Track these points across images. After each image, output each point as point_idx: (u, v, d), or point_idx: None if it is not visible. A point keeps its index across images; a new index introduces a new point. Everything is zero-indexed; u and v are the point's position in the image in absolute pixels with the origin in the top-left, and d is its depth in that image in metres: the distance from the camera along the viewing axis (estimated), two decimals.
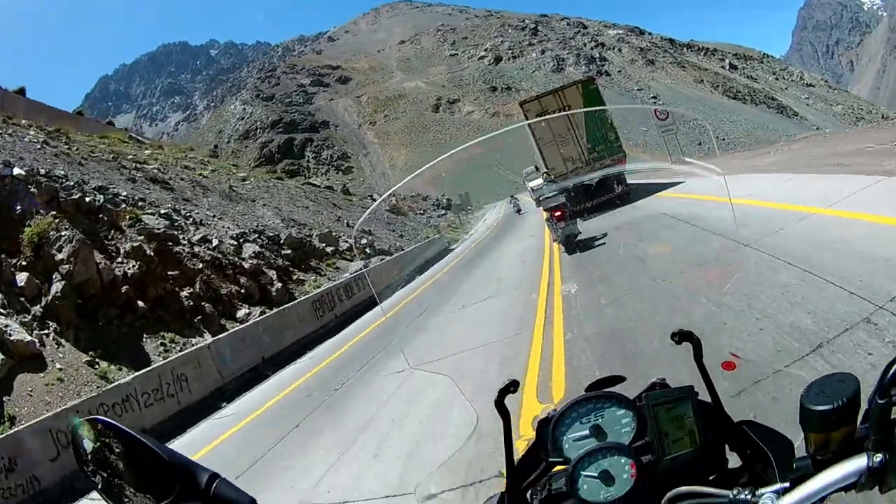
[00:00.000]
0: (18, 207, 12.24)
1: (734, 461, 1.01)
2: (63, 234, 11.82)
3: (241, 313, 14.72)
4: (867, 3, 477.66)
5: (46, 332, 10.78)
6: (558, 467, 1.02)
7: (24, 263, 11.57)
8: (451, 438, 4.56)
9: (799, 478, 0.77)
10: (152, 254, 13.95)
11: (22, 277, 11.15)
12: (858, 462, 0.70)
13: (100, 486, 0.79)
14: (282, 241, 20.65)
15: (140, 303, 12.53)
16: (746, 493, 0.82)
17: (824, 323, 3.98)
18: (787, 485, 0.79)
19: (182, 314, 13.61)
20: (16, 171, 12.87)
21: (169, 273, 14.19)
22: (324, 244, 23.18)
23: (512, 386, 1.01)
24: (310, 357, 12.32)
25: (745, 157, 21.59)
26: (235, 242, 18.20)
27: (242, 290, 15.84)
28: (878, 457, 0.69)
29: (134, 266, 13.11)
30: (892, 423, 0.69)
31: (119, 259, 13.44)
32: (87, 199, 14.38)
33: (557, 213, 11.50)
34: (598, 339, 5.59)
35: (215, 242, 17.06)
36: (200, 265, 15.46)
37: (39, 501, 7.01)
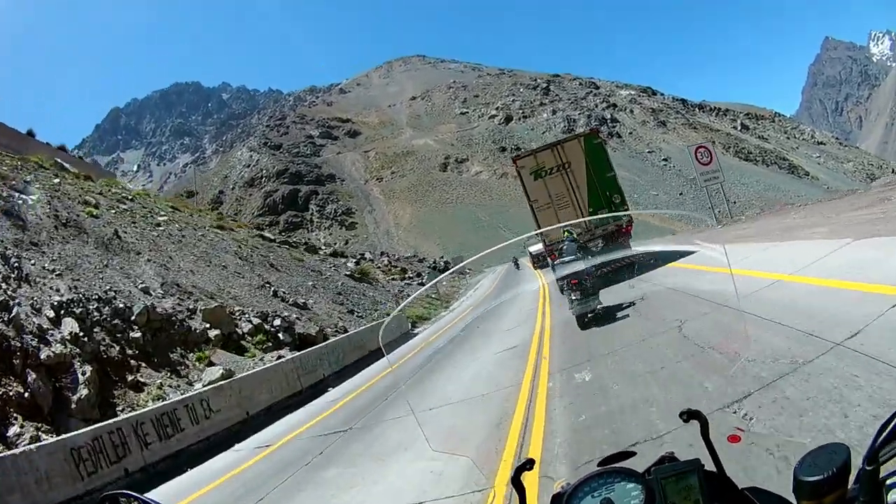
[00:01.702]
0: None
1: None
2: None
3: (12, 431, 9.82)
4: (876, 54, 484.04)
5: None
6: None
7: None
8: None
9: None
10: None
11: None
12: None
13: None
14: (132, 318, 14.90)
15: None
16: None
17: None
18: None
19: None
20: None
21: None
22: (207, 325, 17.06)
23: (528, 464, 1.09)
24: None
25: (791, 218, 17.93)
26: (53, 314, 12.92)
27: (26, 394, 10.49)
28: None
29: None
30: (879, 485, 0.74)
31: None
32: None
33: (574, 282, 10.22)
34: None
35: (14, 312, 11.96)
36: None
37: None
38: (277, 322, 19.80)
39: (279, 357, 16.74)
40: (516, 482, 1.07)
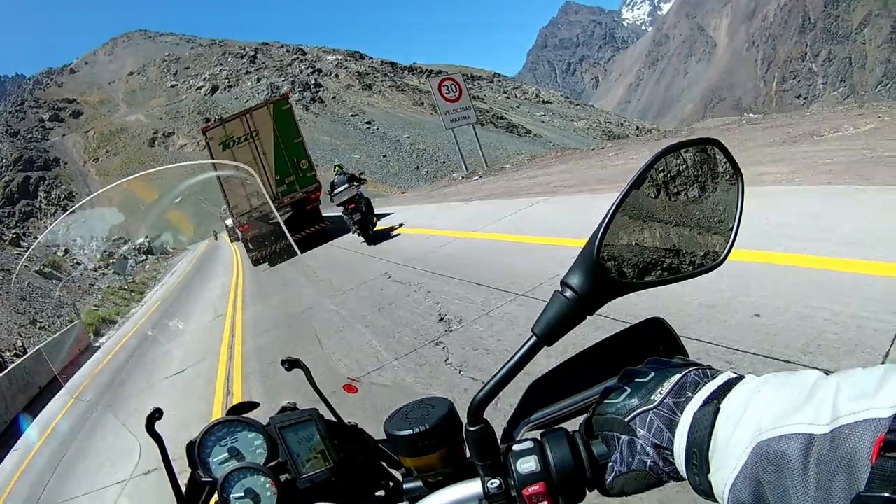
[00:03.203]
0: None
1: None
2: None
3: None
4: (629, 18, 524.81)
5: None
6: None
7: None
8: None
9: (415, 498, 0.84)
10: None
11: None
12: (474, 487, 0.76)
13: None
14: None
15: None
16: None
17: None
18: None
19: None
20: None
21: None
22: None
23: (157, 413, 1.08)
24: None
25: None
26: None
27: None
28: (495, 482, 0.72)
29: None
30: (493, 446, 0.73)
31: None
32: None
33: (351, 206, 12.81)
34: None
35: None
36: None
37: None
38: None
39: None
40: (151, 431, 1.06)
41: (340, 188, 13.29)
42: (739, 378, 0.58)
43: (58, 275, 32.62)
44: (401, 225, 13.89)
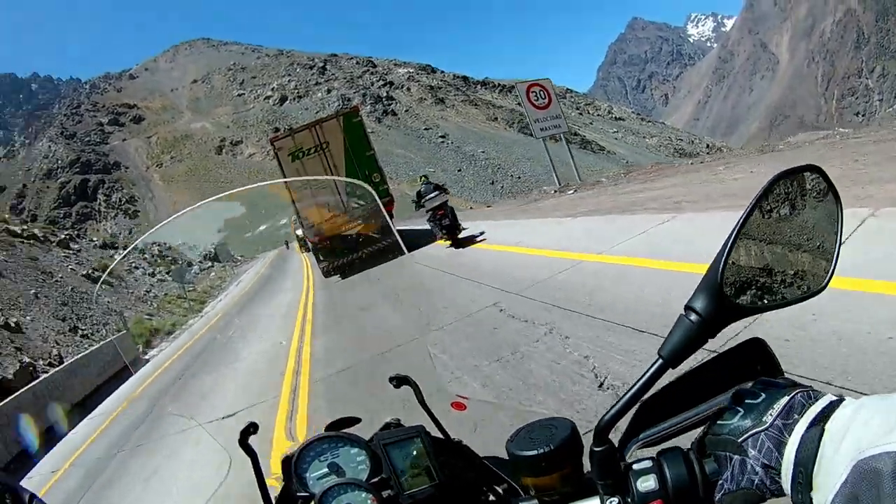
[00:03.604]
0: None
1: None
2: None
3: None
4: (694, 35, 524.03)
5: None
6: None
7: None
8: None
9: None
10: None
11: None
12: None
13: None
14: None
15: None
16: None
17: None
18: None
19: None
20: None
21: None
22: None
23: (252, 427, 1.10)
24: None
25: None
26: None
27: None
28: (614, 500, 0.75)
29: None
30: (619, 467, 0.75)
31: None
32: None
33: (440, 212, 13.53)
34: None
35: None
36: None
37: None
38: None
39: None
40: (244, 445, 1.08)
41: (430, 195, 13.84)
42: (840, 400, 0.62)
43: (108, 279, 29.97)
44: (500, 242, 12.50)
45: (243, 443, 1.08)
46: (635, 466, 0.74)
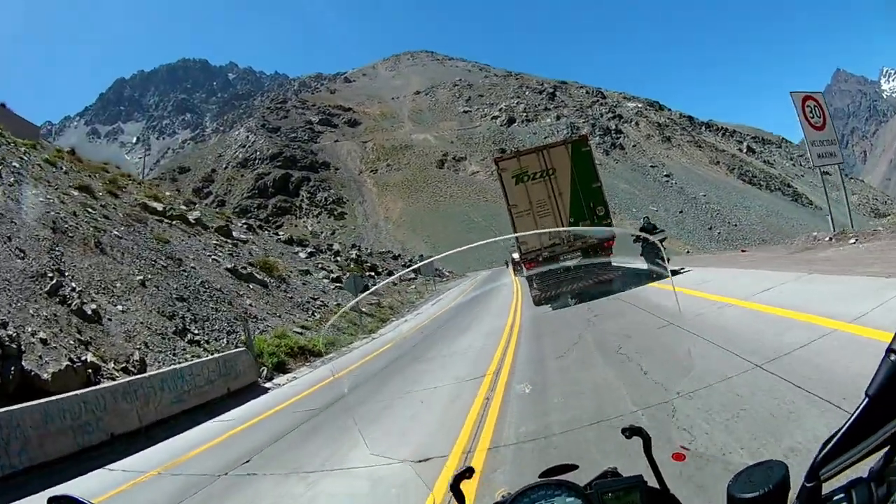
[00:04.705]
0: None
1: None
2: None
3: None
4: (887, 90, 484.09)
5: None
6: None
7: None
8: None
9: None
10: None
11: None
12: None
13: None
14: None
15: None
16: None
17: None
18: None
19: None
20: None
21: None
22: None
23: (467, 472, 1.11)
24: None
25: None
26: None
27: None
28: None
29: None
30: (822, 502, 0.78)
31: None
32: None
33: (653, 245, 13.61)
34: None
35: None
36: None
37: None
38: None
39: None
40: (455, 489, 1.08)
41: (657, 231, 16.32)
42: None
43: (258, 279, 25.75)
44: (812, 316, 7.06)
45: (455, 487, 1.09)
46: (834, 497, 0.78)
